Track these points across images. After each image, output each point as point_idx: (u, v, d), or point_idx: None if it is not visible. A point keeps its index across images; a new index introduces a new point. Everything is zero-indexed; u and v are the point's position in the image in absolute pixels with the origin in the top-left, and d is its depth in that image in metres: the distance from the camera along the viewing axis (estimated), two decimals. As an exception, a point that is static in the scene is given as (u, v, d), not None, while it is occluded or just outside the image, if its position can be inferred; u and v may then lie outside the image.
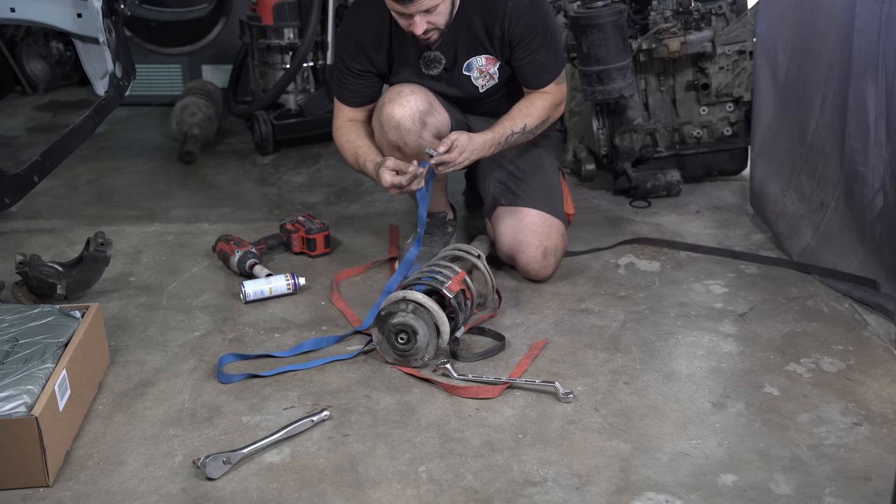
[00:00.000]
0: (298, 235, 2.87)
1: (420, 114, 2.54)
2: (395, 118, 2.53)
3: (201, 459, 1.87)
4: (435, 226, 2.82)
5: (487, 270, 2.50)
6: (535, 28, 2.49)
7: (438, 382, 2.17)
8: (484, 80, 2.58)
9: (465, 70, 2.57)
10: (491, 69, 2.56)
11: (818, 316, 2.44)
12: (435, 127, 2.58)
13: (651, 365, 2.24)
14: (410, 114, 2.53)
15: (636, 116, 3.25)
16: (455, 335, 2.30)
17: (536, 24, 2.49)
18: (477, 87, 2.59)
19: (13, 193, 3.08)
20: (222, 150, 3.99)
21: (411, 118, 2.53)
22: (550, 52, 2.54)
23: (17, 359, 1.97)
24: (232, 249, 2.75)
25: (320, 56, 3.96)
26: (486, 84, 2.59)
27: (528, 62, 2.53)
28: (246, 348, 2.36)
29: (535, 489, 1.81)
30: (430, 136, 2.57)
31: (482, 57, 2.55)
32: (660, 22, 3.15)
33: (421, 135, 2.55)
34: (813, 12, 2.71)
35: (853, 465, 1.86)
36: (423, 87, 2.58)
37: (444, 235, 2.84)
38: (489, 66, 2.56)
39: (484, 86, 2.59)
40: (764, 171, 3.00)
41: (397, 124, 2.53)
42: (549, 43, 2.53)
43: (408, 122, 2.53)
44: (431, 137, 2.57)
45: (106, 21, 3.27)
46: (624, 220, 3.10)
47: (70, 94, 4.85)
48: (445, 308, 2.27)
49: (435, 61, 2.55)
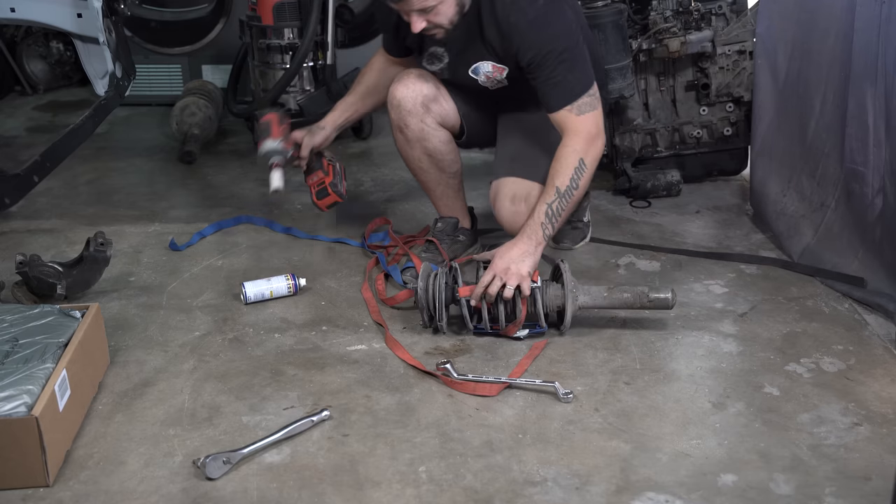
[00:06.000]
0: (320, 176, 2.76)
1: (423, 98, 2.55)
2: (397, 97, 2.56)
3: (201, 459, 1.87)
4: (445, 231, 2.78)
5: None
6: (546, 46, 2.33)
7: (438, 376, 2.17)
8: (491, 83, 2.56)
9: (471, 72, 2.53)
10: (498, 76, 2.52)
11: (818, 316, 2.44)
12: (439, 115, 2.59)
13: (651, 365, 2.24)
14: (412, 96, 2.54)
15: (636, 116, 3.25)
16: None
17: (546, 41, 2.33)
18: (486, 87, 2.58)
19: (13, 193, 3.09)
20: (222, 150, 3.99)
21: (412, 100, 2.54)
22: (569, 71, 2.35)
23: (17, 359, 1.97)
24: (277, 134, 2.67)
25: (320, 56, 3.96)
26: (493, 86, 2.57)
27: (544, 81, 2.36)
28: (246, 348, 2.36)
29: (535, 489, 1.81)
30: (433, 122, 2.58)
31: (489, 63, 2.49)
32: (660, 22, 3.16)
33: (423, 119, 2.56)
34: (813, 12, 2.71)
35: (853, 465, 1.86)
36: (433, 76, 2.59)
37: (455, 244, 2.78)
38: (496, 73, 2.51)
39: (492, 86, 2.57)
40: (764, 171, 3.00)
41: (399, 103, 2.56)
42: (566, 61, 2.34)
43: (409, 104, 2.54)
44: (434, 124, 2.58)
45: (106, 21, 3.28)
46: (624, 220, 3.10)
47: (70, 94, 4.85)
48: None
49: (437, 58, 2.54)
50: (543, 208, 2.33)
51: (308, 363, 2.28)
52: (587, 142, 2.35)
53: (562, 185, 2.33)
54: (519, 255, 2.30)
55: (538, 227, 2.33)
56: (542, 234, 2.33)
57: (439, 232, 2.78)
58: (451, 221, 2.79)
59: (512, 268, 2.28)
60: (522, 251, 2.31)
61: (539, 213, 2.34)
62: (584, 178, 2.35)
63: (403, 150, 2.69)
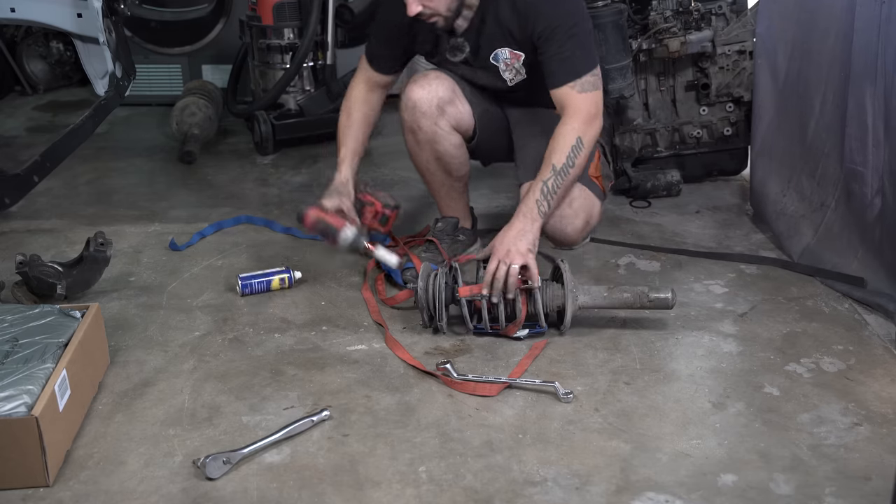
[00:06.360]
0: (372, 209, 2.71)
1: (439, 100, 2.55)
2: (412, 99, 2.56)
3: (201, 459, 1.87)
4: (445, 231, 2.78)
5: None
6: (559, 19, 2.39)
7: (438, 376, 2.18)
8: (511, 73, 2.56)
9: (492, 59, 2.54)
10: (516, 64, 2.53)
11: (818, 316, 2.44)
12: (454, 118, 2.59)
13: (651, 365, 2.24)
14: (429, 98, 2.55)
15: (636, 116, 3.25)
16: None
17: (559, 16, 2.40)
18: (505, 81, 2.58)
19: (13, 193, 3.09)
20: (222, 150, 3.99)
21: (429, 102, 2.55)
22: (577, 47, 2.40)
23: (17, 359, 1.97)
24: (340, 223, 2.54)
25: (320, 56, 3.97)
26: (513, 78, 2.57)
27: (553, 54, 2.41)
28: (246, 348, 2.36)
29: (535, 489, 1.81)
30: (447, 125, 2.58)
31: (506, 50, 2.51)
32: (660, 22, 3.16)
33: (437, 122, 2.56)
34: (813, 12, 2.71)
35: (853, 465, 1.86)
36: (451, 78, 2.60)
37: (455, 244, 2.79)
38: (514, 60, 2.52)
39: (512, 79, 2.58)
40: (764, 171, 3.00)
41: (414, 105, 2.56)
42: (576, 36, 2.40)
43: (424, 105, 2.55)
44: (448, 127, 2.58)
45: (106, 21, 3.28)
46: (624, 220, 3.10)
47: (70, 94, 4.85)
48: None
49: (458, 48, 2.54)
50: (539, 185, 2.36)
51: (308, 363, 2.28)
52: (586, 121, 2.38)
53: (558, 163, 2.35)
54: (516, 235, 2.33)
55: (533, 204, 2.36)
56: (538, 210, 2.36)
57: (439, 231, 2.78)
58: (451, 221, 2.79)
59: (511, 248, 2.30)
60: (519, 230, 2.34)
61: (535, 191, 2.37)
62: (581, 156, 2.38)
63: (413, 150, 2.69)
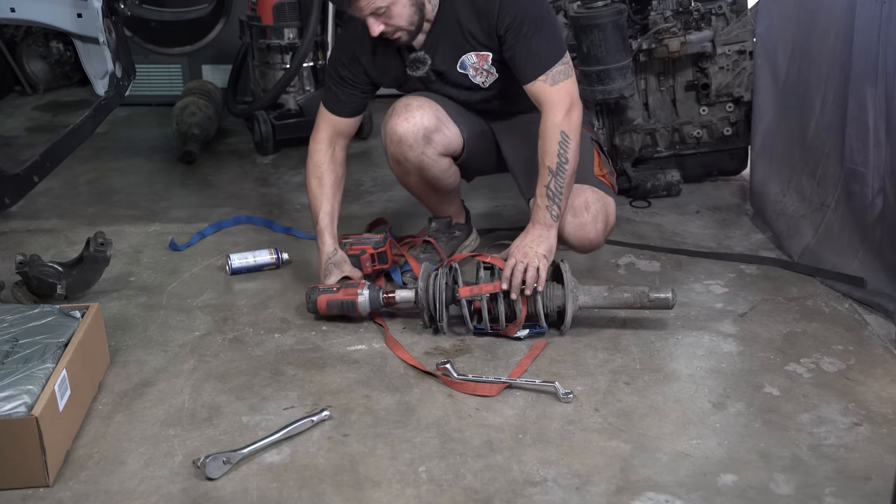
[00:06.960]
0: (366, 256, 2.59)
1: (425, 130, 2.52)
2: (397, 133, 2.53)
3: (201, 459, 1.87)
4: (440, 230, 2.80)
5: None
6: (522, 12, 2.36)
7: (438, 376, 2.18)
8: (482, 76, 2.53)
9: (459, 68, 2.52)
10: (485, 65, 2.50)
11: (818, 316, 2.44)
12: (441, 144, 2.56)
13: (651, 365, 2.24)
14: (414, 130, 2.52)
15: (636, 116, 3.25)
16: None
17: (521, 8, 2.36)
18: (478, 85, 2.56)
19: (13, 193, 3.09)
20: (222, 150, 3.99)
21: (414, 135, 2.52)
22: (543, 39, 2.38)
23: (17, 359, 1.97)
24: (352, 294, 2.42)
25: (320, 56, 3.97)
26: (486, 80, 2.55)
27: (520, 50, 2.38)
28: (246, 348, 2.36)
29: (535, 489, 1.81)
30: (435, 153, 2.56)
31: (472, 54, 2.48)
32: (660, 22, 3.16)
33: (424, 151, 2.54)
34: (813, 12, 2.71)
35: (853, 465, 1.86)
36: (433, 102, 2.56)
37: (452, 240, 2.81)
38: (482, 62, 2.50)
39: (485, 82, 2.55)
40: (764, 171, 3.00)
41: (399, 139, 2.53)
42: (541, 29, 2.38)
43: (410, 138, 2.52)
44: (435, 155, 2.56)
45: (106, 21, 3.28)
46: (624, 220, 3.09)
47: (70, 94, 4.86)
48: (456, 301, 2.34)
49: (419, 62, 2.50)
50: (543, 191, 2.36)
51: (308, 363, 2.28)
52: (564, 113, 2.36)
53: (552, 164, 2.34)
54: (532, 240, 2.35)
55: (544, 211, 2.36)
56: (549, 216, 2.36)
57: (434, 231, 2.80)
58: (444, 220, 2.82)
59: (529, 252, 2.32)
60: (535, 236, 2.36)
61: (540, 198, 2.37)
62: (571, 148, 2.35)
63: (400, 177, 2.69)
